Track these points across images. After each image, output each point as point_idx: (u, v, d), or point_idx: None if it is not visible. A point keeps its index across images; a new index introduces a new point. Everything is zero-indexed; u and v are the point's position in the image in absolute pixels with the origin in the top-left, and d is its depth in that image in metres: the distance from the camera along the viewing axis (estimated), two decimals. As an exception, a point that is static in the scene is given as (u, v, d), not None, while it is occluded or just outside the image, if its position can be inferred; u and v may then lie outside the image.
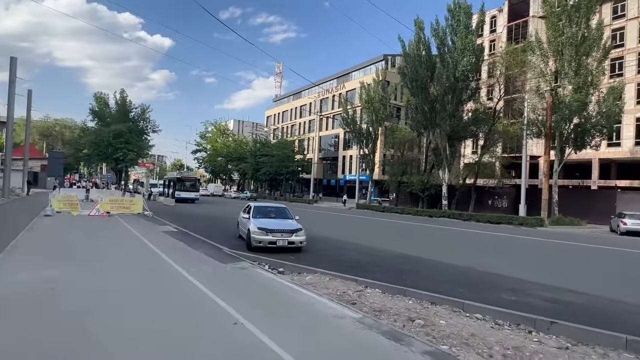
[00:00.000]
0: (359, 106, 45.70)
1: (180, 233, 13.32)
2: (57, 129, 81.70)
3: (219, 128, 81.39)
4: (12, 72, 27.08)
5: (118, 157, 57.90)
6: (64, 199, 16.68)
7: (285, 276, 7.56)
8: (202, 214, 23.29)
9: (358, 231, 18.82)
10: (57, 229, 12.54)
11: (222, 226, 17.01)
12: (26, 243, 9.32)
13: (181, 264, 7.70)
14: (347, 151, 61.07)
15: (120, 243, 10.35)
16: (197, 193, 39.02)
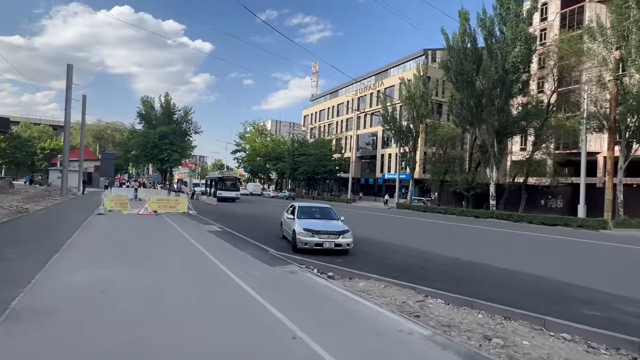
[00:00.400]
0: (399, 103, 44.47)
1: (224, 233, 13.29)
2: (108, 131, 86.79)
3: (257, 128, 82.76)
4: (68, 79, 28.80)
5: (163, 157, 60.38)
6: (115, 198, 17.34)
7: (337, 282, 7.12)
8: (243, 213, 23.47)
9: (402, 232, 18.06)
10: (109, 228, 12.92)
11: (263, 226, 16.93)
12: (81, 242, 9.56)
13: (229, 266, 7.48)
14: (386, 149, 59.81)
15: (168, 242, 10.40)
16: (238, 192, 39.67)
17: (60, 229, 11.87)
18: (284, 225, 12.79)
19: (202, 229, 13.84)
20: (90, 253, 8.33)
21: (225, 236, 12.27)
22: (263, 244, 11.03)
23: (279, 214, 24.33)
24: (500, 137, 31.00)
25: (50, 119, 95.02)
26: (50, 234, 10.62)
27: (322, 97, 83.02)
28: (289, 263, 8.32)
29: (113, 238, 10.69)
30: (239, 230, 14.31)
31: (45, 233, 10.75)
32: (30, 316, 4.28)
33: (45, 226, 12.39)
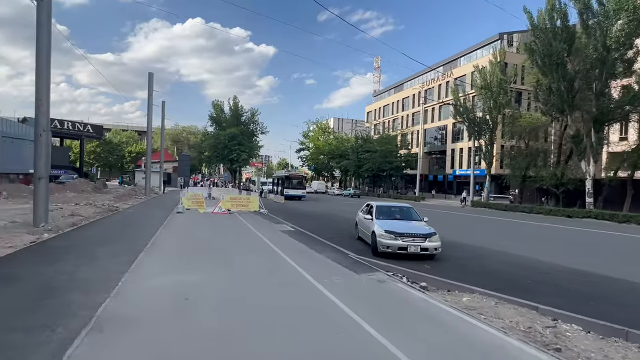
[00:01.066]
0: (473, 93, 41.21)
1: (297, 232, 12.86)
2: (184, 135, 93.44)
3: (320, 127, 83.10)
4: (150, 86, 30.98)
5: (232, 157, 63.22)
6: (192, 197, 17.98)
7: (435, 295, 6.11)
8: (312, 212, 23.13)
9: (489, 234, 16.22)
10: (187, 226, 13.18)
11: (335, 225, 16.29)
12: (162, 241, 9.67)
13: (309, 271, 6.86)
14: (457, 144, 56.15)
15: (244, 243, 10.16)
16: (304, 190, 39.78)
17: (144, 227, 12.33)
18: (359, 226, 11.98)
19: (275, 229, 13.58)
20: (172, 253, 8.28)
21: (299, 236, 11.80)
22: (339, 246, 10.34)
23: (347, 213, 23.71)
24: (598, 125, 26.96)
25: (136, 125, 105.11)
26: (136, 232, 10.99)
27: (386, 92, 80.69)
28: (374, 270, 7.48)
29: (192, 237, 10.76)
30: (311, 229, 13.83)
31: (131, 231, 11.17)
32: (114, 327, 3.97)
33: (131, 224, 13.00)
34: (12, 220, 11.99)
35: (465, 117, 38.59)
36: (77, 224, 12.26)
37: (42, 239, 9.21)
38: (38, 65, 10.91)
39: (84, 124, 61.28)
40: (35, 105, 10.99)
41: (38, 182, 11.18)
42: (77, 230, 11.06)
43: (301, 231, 13.30)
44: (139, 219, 14.75)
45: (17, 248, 7.87)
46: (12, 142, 39.70)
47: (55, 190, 27.70)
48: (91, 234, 10.42)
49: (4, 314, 4.20)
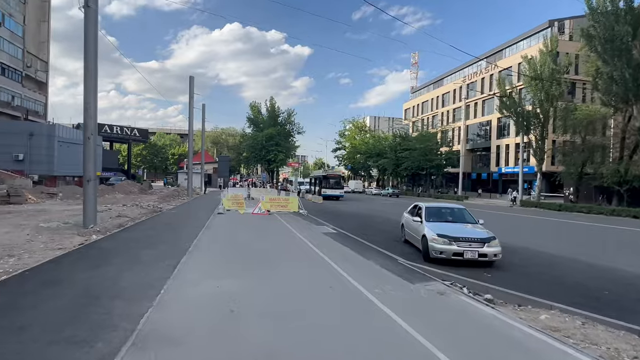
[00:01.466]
0: (521, 85, 38.64)
1: (340, 235, 12.32)
2: (223, 137, 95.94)
3: (356, 125, 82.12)
4: (191, 89, 31.75)
5: (270, 158, 63.92)
6: (233, 198, 17.99)
7: (506, 310, 5.34)
8: (352, 212, 22.50)
9: (550, 237, 14.82)
10: (229, 228, 13.05)
11: (377, 227, 15.58)
12: (205, 243, 9.50)
13: (359, 280, 6.30)
14: (502, 140, 53.21)
15: (287, 246, 9.76)
16: (341, 190, 39.22)
17: (187, 228, 12.32)
18: (406, 228, 11.24)
19: (316, 230, 13.13)
20: (214, 258, 8.03)
21: (343, 239, 11.26)
22: (386, 250, 9.69)
23: (388, 213, 22.86)
24: (671, 115, 24.21)
25: (178, 128, 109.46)
26: (178, 234, 10.95)
27: (425, 87, 78.23)
28: (429, 279, 6.78)
29: (233, 240, 10.54)
30: (354, 231, 13.25)
31: (174, 233, 11.15)
32: (156, 343, 3.63)
33: (174, 226, 13.06)
34: (65, 221, 12.42)
35: (513, 110, 36.20)
36: (124, 225, 12.49)
37: (90, 240, 9.33)
38: (86, 69, 11.17)
39: (131, 128, 64.54)
40: (84, 109, 11.26)
41: (87, 185, 11.46)
42: (123, 231, 11.20)
43: (343, 233, 12.75)
44: (182, 220, 14.88)
45: (66, 250, 7.95)
46: (68, 147, 42.38)
47: (106, 191, 29.09)
48: (136, 235, 10.48)
49: (45, 325, 4.00)
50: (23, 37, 47.65)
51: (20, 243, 8.55)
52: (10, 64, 45.02)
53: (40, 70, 51.86)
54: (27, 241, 8.85)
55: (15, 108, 45.38)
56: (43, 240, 9.08)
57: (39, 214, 15.31)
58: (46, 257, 7.20)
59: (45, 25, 53.24)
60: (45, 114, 52.75)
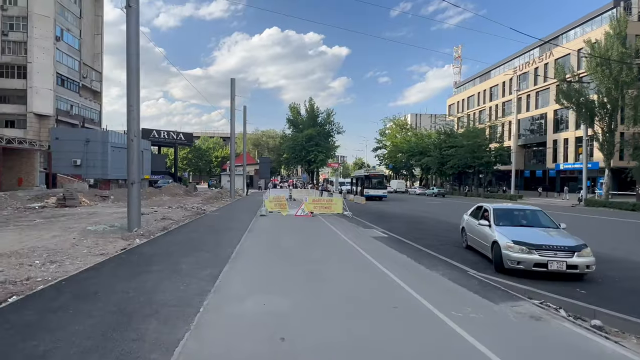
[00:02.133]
0: (583, 73, 35.09)
1: (392, 240, 11.26)
2: (263, 139, 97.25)
3: (397, 123, 79.81)
4: (232, 91, 31.94)
5: (310, 158, 63.64)
6: (275, 200, 17.45)
7: (629, 344, 4.10)
8: (399, 214, 21.22)
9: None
10: (272, 231, 12.43)
11: (430, 230, 14.29)
12: (247, 251, 8.85)
13: (429, 298, 5.28)
14: (560, 134, 49.07)
15: (336, 253, 8.87)
16: (385, 190, 37.85)
17: (229, 231, 11.85)
18: (468, 233, 9.97)
19: (365, 234, 12.16)
20: (259, 267, 7.28)
21: (396, 245, 10.21)
22: (448, 258, 8.55)
23: (438, 215, 21.33)
24: None
25: (221, 132, 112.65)
26: (221, 238, 10.45)
27: (470, 82, 74.38)
28: (514, 297, 5.59)
29: (278, 245, 9.83)
30: (405, 235, 12.14)
31: (216, 237, 10.66)
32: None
33: (217, 229, 12.65)
34: (111, 224, 12.42)
35: (575, 100, 32.87)
36: (167, 228, 12.26)
37: (133, 245, 9.03)
38: (129, 68, 11.01)
39: (177, 132, 66.96)
40: (127, 111, 11.12)
41: (131, 187, 11.30)
42: (166, 235, 10.90)
43: (395, 237, 11.68)
44: (224, 222, 14.50)
45: (108, 256, 7.62)
46: (119, 152, 44.52)
47: (153, 194, 29.94)
48: (178, 239, 10.09)
49: (68, 352, 3.40)
50: (79, 50, 50.81)
51: (66, 248, 8.38)
52: (69, 75, 48.14)
53: (95, 80, 55.10)
54: (72, 245, 8.68)
55: (73, 116, 48.47)
56: (87, 244, 8.89)
57: (90, 216, 15.64)
58: (87, 264, 6.85)
59: (99, 38, 56.57)
60: (100, 121, 55.95)
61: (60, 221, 13.63)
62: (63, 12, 47.22)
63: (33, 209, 18.59)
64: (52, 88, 44.52)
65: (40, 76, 43.58)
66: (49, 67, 44.22)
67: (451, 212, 22.77)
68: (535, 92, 54.06)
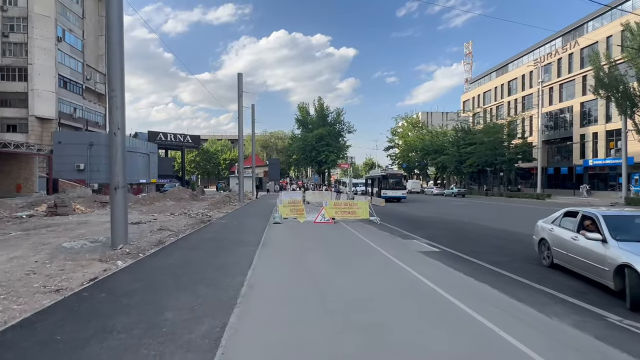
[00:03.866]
0: (619, 60, 32.09)
1: (447, 255, 8.81)
2: (272, 140, 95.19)
3: (410, 121, 77.05)
4: (239, 87, 29.77)
5: (321, 159, 61.29)
6: (290, 204, 15.06)
7: None
8: (430, 218, 18.67)
9: None
10: (292, 246, 10.06)
11: (480, 239, 11.76)
12: (263, 280, 6.47)
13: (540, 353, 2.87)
14: (588, 128, 45.95)
15: (390, 284, 6.28)
16: (404, 191, 35.33)
17: (238, 247, 9.53)
18: (555, 247, 7.46)
19: (409, 248, 9.73)
20: (282, 321, 4.67)
21: (458, 264, 7.77)
22: (541, 284, 6.11)
23: (473, 218, 18.72)
24: None
25: (229, 135, 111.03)
26: (227, 259, 8.09)
27: (486, 76, 71.28)
28: None
29: (304, 269, 7.36)
30: (457, 247, 9.69)
31: (221, 258, 8.30)
32: None
33: (223, 243, 10.30)
34: (95, 238, 10.18)
35: (615, 89, 29.90)
36: (163, 242, 10.00)
37: (110, 271, 6.74)
38: (109, 44, 8.78)
39: (184, 135, 65.20)
40: (109, 97, 8.89)
41: (114, 194, 9.05)
42: (158, 254, 8.60)
43: (448, 252, 9.22)
44: (232, 233, 12.16)
45: (64, 294, 5.32)
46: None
47: (157, 199, 27.85)
48: (172, 261, 7.77)
49: None
50: (82, 51, 49.31)
51: (16, 277, 6.13)
52: (72, 77, 46.60)
53: (99, 83, 53.55)
54: (28, 273, 6.43)
55: (76, 119, 46.90)
56: (49, 271, 6.64)
57: (78, 227, 13.49)
58: (24, 312, 4.56)
59: (103, 39, 54.98)
60: (105, 125, 54.37)
61: (39, 234, 11.46)
62: (65, 12, 45.73)
63: (19, 219, 16.55)
64: (54, 90, 42.96)
65: (42, 78, 42.03)
66: (51, 68, 42.68)
67: (486, 215, 20.21)
68: (559, 84, 50.97)
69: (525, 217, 18.64)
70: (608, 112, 43.04)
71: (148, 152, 48.84)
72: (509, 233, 12.78)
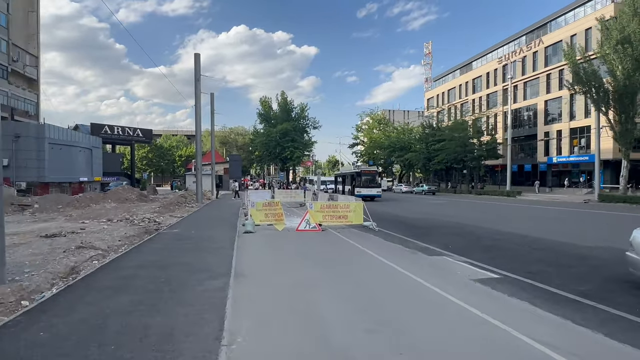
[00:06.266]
0: (592, 56, 31.76)
1: (505, 282, 6.10)
2: (232, 136, 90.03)
3: (375, 118, 75.56)
4: (197, 71, 25.84)
5: (286, 155, 57.85)
6: (266, 208, 11.72)
7: None
8: (427, 220, 16.13)
9: None
10: (280, 273, 6.89)
11: (512, 249, 9.19)
12: (243, 327, 3.37)
13: None
14: (552, 125, 46.49)
15: (434, 328, 3.56)
16: (379, 189, 32.95)
17: (197, 285, 6.22)
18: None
19: (443, 269, 6.92)
20: None
21: (532, 296, 5.05)
22: None
23: (470, 219, 16.44)
24: None
25: (185, 130, 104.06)
26: (179, 317, 4.79)
27: (450, 74, 71.31)
28: None
29: (313, 332, 4.31)
30: (496, 263, 7.07)
31: (168, 315, 5.00)
32: None
33: (171, 276, 6.88)
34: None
35: (591, 85, 29.37)
36: (76, 273, 6.46)
37: None
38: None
39: (134, 128, 58.99)
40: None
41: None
42: (58, 300, 5.10)
43: (504, 276, 6.51)
44: (187, 252, 8.67)
45: None
46: (61, 149, 36.77)
47: (95, 200, 23.23)
48: (73, 323, 4.36)
49: None
50: (7, 28, 42.19)
51: None
52: (-8, 57, 39.62)
53: (30, 66, 46.41)
54: None
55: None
56: None
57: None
58: None
59: (34, 16, 47.84)
60: (38, 114, 47.32)
61: None
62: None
63: None
64: (-33, 71, 36.09)
65: (-49, 57, 35.08)
66: (-37, 45, 35.77)
67: (479, 215, 18.15)
68: (523, 82, 51.34)
69: (524, 218, 16.72)
70: (572, 110, 43.64)
71: (90, 147, 42.90)
72: (532, 239, 10.47)
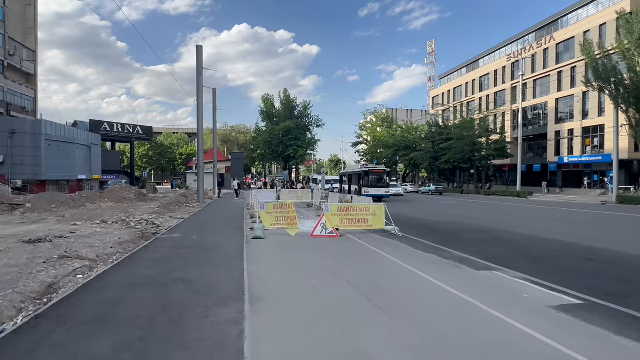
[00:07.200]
0: (611, 50, 30.45)
1: (592, 310, 4.86)
2: (233, 134, 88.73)
3: (379, 117, 74.25)
4: (199, 64, 24.58)
5: (289, 154, 56.56)
6: (277, 210, 10.42)
7: None
8: (450, 224, 14.84)
9: None
10: (298, 288, 5.68)
11: (564, 260, 7.95)
12: None
13: None
14: (563, 124, 45.17)
15: None
16: (387, 189, 31.69)
17: (203, 317, 4.99)
18: None
19: (504, 290, 5.68)
20: None
21: None
22: None
23: (494, 222, 15.08)
24: None
25: (186, 128, 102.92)
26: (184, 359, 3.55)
27: (456, 71, 69.94)
28: None
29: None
30: (563, 282, 5.81)
31: (162, 354, 3.76)
32: None
33: (170, 299, 5.62)
34: None
35: (611, 81, 28.05)
36: (54, 292, 5.24)
37: None
38: None
39: (134, 125, 57.72)
40: None
41: None
42: (18, 340, 3.86)
43: (586, 300, 5.27)
44: (189, 265, 7.40)
45: None
46: (58, 146, 35.58)
47: (91, 199, 21.98)
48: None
49: None
50: (4, 21, 40.96)
51: None
52: (-13, 51, 38.43)
53: (27, 60, 45.20)
54: None
55: (-6, 102, 38.75)
56: None
57: None
58: None
59: (32, 10, 46.62)
60: (35, 110, 46.14)
61: None
62: (-23, -30, 37.44)
63: None
64: (-39, 65, 34.87)
65: (-55, 50, 33.87)
66: (-44, 38, 34.55)
67: (503, 218, 16.86)
68: (533, 80, 49.98)
69: (550, 220, 15.45)
70: (585, 108, 42.34)
71: (89, 144, 41.68)
72: (583, 249, 9.23)
